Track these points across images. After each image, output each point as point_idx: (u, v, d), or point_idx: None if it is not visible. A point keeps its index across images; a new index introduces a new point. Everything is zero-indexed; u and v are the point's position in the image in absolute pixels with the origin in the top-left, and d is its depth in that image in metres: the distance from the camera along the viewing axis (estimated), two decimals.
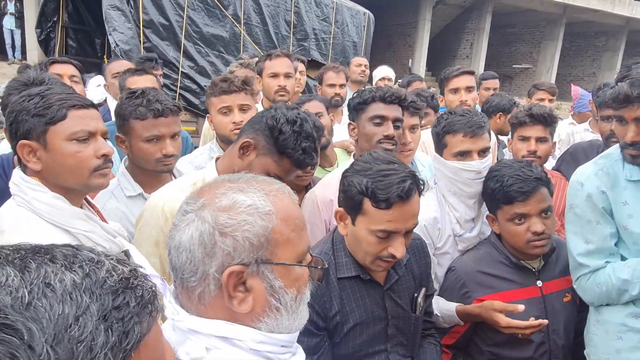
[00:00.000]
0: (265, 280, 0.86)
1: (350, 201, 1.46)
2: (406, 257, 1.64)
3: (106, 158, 1.47)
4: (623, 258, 1.73)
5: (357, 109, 2.12)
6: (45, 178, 1.42)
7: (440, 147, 2.03)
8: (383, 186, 1.38)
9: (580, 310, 1.94)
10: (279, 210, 0.88)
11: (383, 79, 5.00)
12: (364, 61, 4.85)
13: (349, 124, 2.19)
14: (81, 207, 1.51)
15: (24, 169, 1.44)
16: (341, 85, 3.74)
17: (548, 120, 2.46)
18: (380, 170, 1.42)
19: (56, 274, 0.45)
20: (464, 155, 1.93)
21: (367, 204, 1.41)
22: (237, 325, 0.85)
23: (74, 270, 0.46)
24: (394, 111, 2.07)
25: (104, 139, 1.51)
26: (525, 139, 2.47)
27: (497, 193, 1.81)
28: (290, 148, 1.55)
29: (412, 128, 2.38)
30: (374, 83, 5.17)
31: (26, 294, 0.42)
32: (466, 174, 1.91)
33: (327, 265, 0.97)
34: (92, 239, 1.44)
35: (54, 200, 1.39)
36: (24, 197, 1.39)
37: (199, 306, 0.87)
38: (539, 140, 2.45)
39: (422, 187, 1.46)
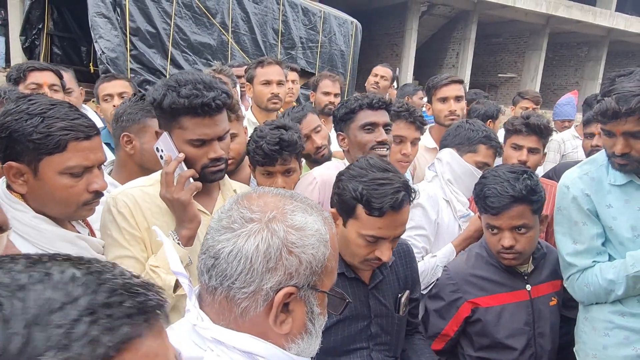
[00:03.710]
0: (308, 305, 0.87)
1: (344, 204, 1.48)
2: (392, 258, 1.66)
3: (97, 193, 1.39)
4: (611, 258, 1.78)
5: (344, 119, 2.12)
6: (28, 201, 1.33)
7: (466, 148, 2.23)
8: (377, 195, 1.41)
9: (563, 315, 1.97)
10: (331, 240, 0.89)
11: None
12: (383, 72, 4.58)
13: (338, 135, 2.18)
14: (69, 222, 1.45)
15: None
16: (336, 95, 3.73)
17: (544, 133, 2.43)
18: (375, 178, 1.44)
19: (60, 267, 0.48)
20: (483, 166, 2.18)
21: (360, 210, 1.44)
22: (264, 342, 0.83)
23: (79, 268, 0.49)
24: (383, 116, 2.09)
25: (101, 164, 1.42)
26: (517, 147, 2.44)
27: (477, 198, 1.86)
28: (173, 103, 1.42)
29: (415, 141, 2.42)
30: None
31: (25, 278, 0.46)
32: (473, 181, 2.05)
33: (350, 300, 0.99)
34: None
35: (34, 221, 1.31)
36: None
37: (238, 319, 0.83)
38: (531, 151, 2.42)
39: (413, 197, 1.50)
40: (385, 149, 2.05)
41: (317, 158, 2.52)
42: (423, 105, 4.96)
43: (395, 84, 5.05)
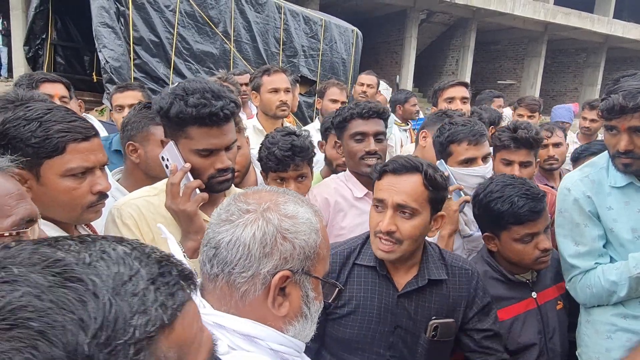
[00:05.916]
0: (303, 289, 0.93)
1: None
2: (444, 276, 1.59)
3: (101, 194, 1.38)
4: (612, 259, 1.79)
5: (339, 127, 2.13)
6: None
7: (445, 155, 2.09)
8: (385, 162, 1.59)
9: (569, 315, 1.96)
10: (321, 230, 0.97)
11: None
12: (368, 80, 4.65)
13: (335, 142, 2.20)
14: (75, 229, 1.45)
15: None
16: (342, 102, 3.76)
17: (533, 145, 2.30)
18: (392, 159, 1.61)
19: (110, 245, 0.53)
20: (469, 162, 2.03)
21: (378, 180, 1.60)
22: (263, 325, 0.89)
23: (124, 245, 0.54)
24: (374, 126, 2.07)
25: (103, 166, 1.41)
26: (508, 162, 2.30)
27: (506, 214, 1.74)
28: (180, 112, 1.38)
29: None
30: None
31: (87, 256, 0.50)
32: (472, 179, 1.99)
33: (342, 287, 1.04)
34: None
35: (42, 228, 1.28)
36: None
37: (238, 303, 0.89)
38: (523, 164, 2.29)
39: (423, 168, 1.51)
40: (375, 159, 2.03)
41: (342, 168, 2.51)
42: (417, 112, 5.04)
43: (391, 90, 5.10)
